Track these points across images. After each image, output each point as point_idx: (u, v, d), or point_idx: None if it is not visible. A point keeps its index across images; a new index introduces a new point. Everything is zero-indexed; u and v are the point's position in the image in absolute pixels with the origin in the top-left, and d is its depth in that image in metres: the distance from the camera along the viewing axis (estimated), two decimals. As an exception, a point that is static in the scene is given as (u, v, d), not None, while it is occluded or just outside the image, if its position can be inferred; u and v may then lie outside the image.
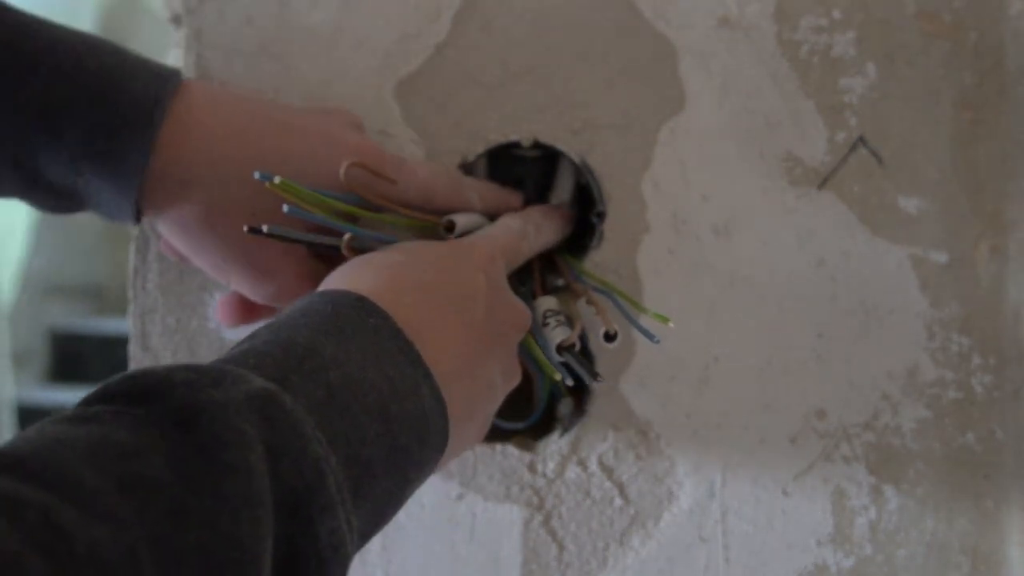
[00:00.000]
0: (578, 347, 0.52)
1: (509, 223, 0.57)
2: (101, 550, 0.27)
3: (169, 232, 0.53)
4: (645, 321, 0.55)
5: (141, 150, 0.50)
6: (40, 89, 0.49)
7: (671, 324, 0.53)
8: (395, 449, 0.40)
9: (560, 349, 0.51)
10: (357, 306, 0.43)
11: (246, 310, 0.58)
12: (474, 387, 0.47)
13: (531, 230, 0.57)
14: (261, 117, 0.53)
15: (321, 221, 0.49)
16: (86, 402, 0.34)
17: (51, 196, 0.51)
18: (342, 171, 0.51)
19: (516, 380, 0.52)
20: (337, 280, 0.47)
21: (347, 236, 0.50)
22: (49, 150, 0.49)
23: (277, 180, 0.47)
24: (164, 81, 0.51)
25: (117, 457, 0.30)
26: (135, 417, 0.32)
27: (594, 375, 0.50)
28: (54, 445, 0.30)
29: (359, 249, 0.50)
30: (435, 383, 0.43)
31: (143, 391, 0.33)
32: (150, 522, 0.29)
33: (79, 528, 0.27)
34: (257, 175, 0.48)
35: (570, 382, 0.51)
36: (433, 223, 0.55)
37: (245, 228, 0.47)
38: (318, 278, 0.49)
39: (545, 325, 0.53)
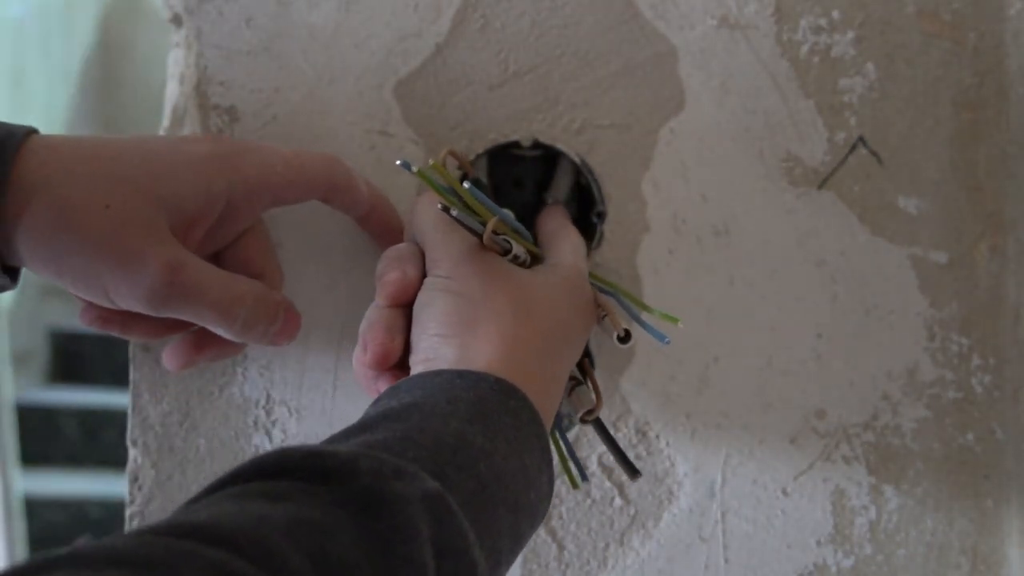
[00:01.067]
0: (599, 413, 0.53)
1: (574, 237, 0.58)
2: None
3: (28, 250, 0.48)
4: (651, 321, 0.54)
5: None
6: None
7: (680, 324, 0.53)
8: (517, 537, 0.42)
9: (584, 420, 0.52)
10: (497, 389, 0.44)
11: (194, 349, 0.56)
12: None
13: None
14: (113, 137, 0.52)
15: (458, 213, 0.49)
16: (266, 472, 0.36)
17: None
18: (441, 157, 0.52)
19: None
20: (459, 349, 0.47)
21: (493, 221, 0.49)
22: None
23: (415, 168, 0.48)
24: (18, 127, 0.49)
25: (314, 535, 0.33)
26: (323, 496, 0.34)
27: (633, 471, 0.52)
28: (259, 522, 0.32)
29: (499, 234, 0.50)
30: (552, 472, 0.46)
31: (328, 471, 0.35)
32: None
33: None
34: (399, 163, 0.48)
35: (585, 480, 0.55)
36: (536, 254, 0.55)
37: (439, 206, 0.47)
38: (187, 266, 0.49)
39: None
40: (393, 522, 0.34)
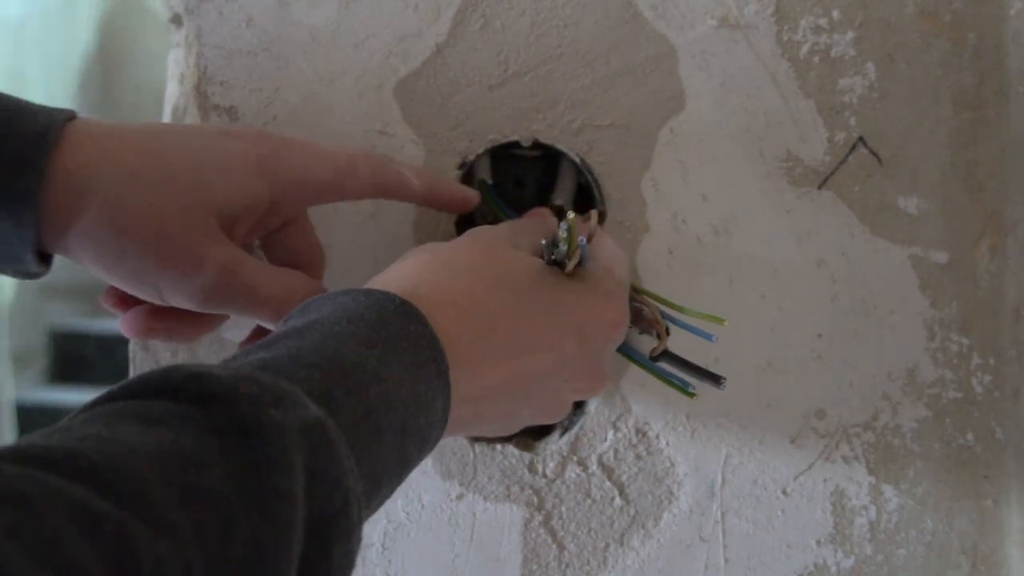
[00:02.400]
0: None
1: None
2: (163, 567, 0.29)
3: (81, 252, 0.49)
4: (691, 321, 0.55)
5: (34, 171, 0.47)
6: None
7: (726, 323, 0.54)
8: (403, 461, 0.42)
9: (654, 358, 0.52)
10: (400, 312, 0.44)
11: (154, 316, 0.55)
12: (484, 414, 0.49)
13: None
14: (152, 126, 0.52)
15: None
16: (148, 390, 0.35)
17: None
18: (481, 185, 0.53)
19: (595, 383, 0.53)
20: (388, 275, 0.48)
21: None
22: None
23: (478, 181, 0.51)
24: (57, 111, 0.49)
25: (182, 468, 0.32)
26: (199, 423, 0.34)
27: (717, 378, 0.52)
28: (128, 453, 0.31)
29: None
30: (448, 399, 0.44)
31: (208, 395, 0.35)
32: (204, 536, 0.31)
33: (146, 545, 0.29)
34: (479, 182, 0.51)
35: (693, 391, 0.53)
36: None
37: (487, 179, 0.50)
38: (244, 266, 0.50)
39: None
40: (267, 452, 0.34)
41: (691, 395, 0.54)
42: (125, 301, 0.54)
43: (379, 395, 0.40)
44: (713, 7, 0.61)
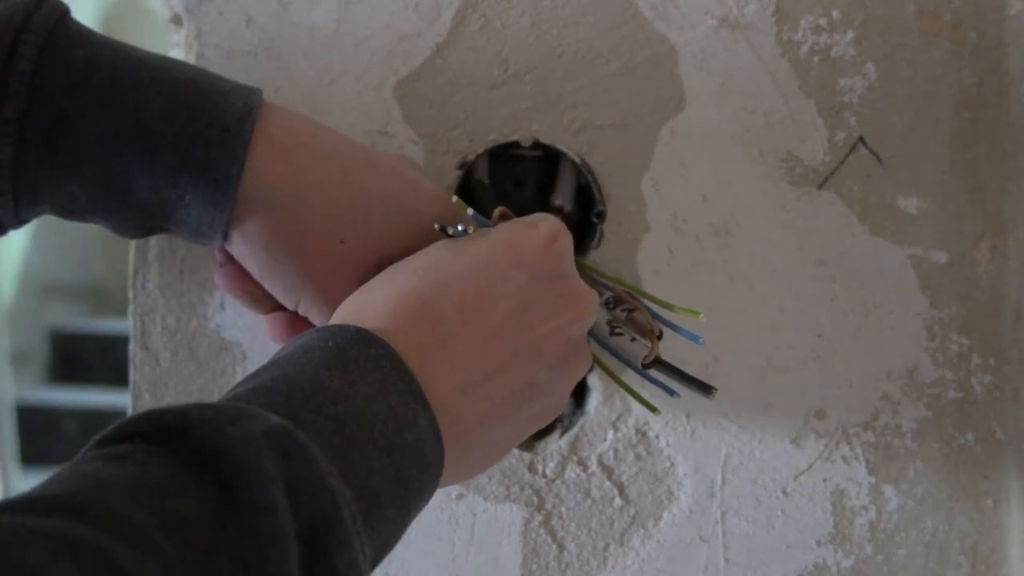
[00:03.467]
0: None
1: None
2: None
3: (248, 249, 0.51)
4: (676, 320, 0.55)
5: (236, 161, 0.48)
6: (134, 103, 0.47)
7: (701, 317, 0.53)
8: (399, 480, 0.41)
9: (646, 366, 0.52)
10: (357, 338, 0.43)
11: (295, 325, 0.56)
12: (485, 409, 0.46)
13: None
14: (343, 149, 0.52)
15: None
16: (105, 441, 0.34)
17: (137, 214, 0.49)
18: (495, 216, 0.51)
19: (579, 372, 0.51)
20: (345, 308, 0.47)
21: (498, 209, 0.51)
22: (143, 164, 0.47)
23: (454, 199, 0.50)
24: (250, 93, 0.50)
25: (155, 495, 0.31)
26: (162, 457, 0.33)
27: (708, 388, 0.51)
28: (97, 485, 0.31)
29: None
30: (431, 413, 0.43)
31: (163, 430, 0.34)
32: (191, 560, 0.30)
33: (136, 568, 0.28)
34: (453, 199, 0.49)
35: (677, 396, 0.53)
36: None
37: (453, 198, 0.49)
38: None
39: (617, 335, 0.53)
40: (234, 469, 0.33)
41: (655, 411, 0.54)
42: (245, 291, 0.55)
43: (348, 411, 0.39)
44: (713, 7, 0.61)
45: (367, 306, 0.46)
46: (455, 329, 0.46)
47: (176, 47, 0.63)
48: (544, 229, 0.49)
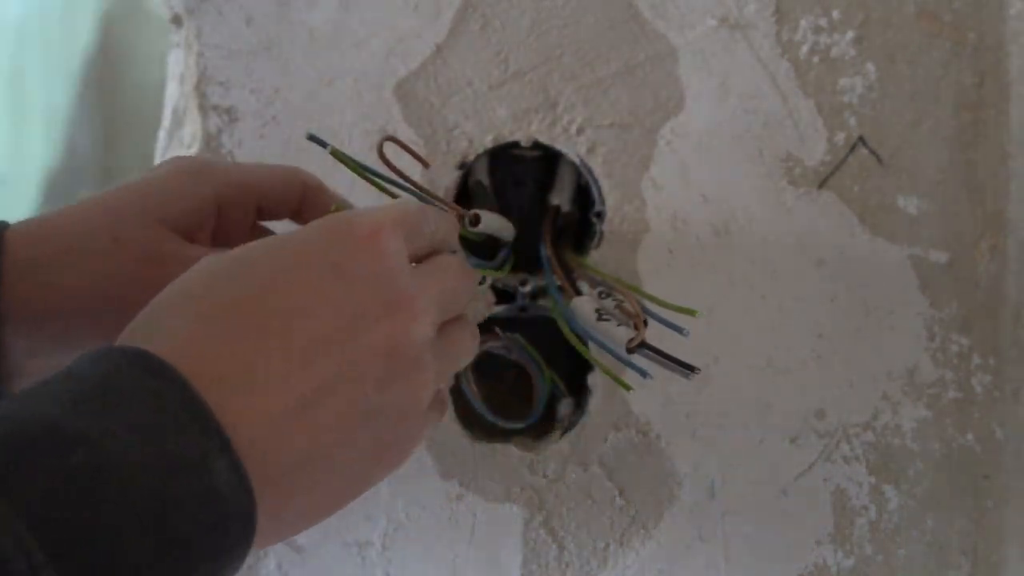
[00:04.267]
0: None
1: (405, 200, 0.47)
2: None
3: (46, 339, 0.46)
4: (664, 313, 0.54)
5: None
6: None
7: (699, 315, 0.52)
8: (172, 543, 0.32)
9: (630, 350, 0.51)
10: (135, 363, 0.34)
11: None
12: (304, 444, 0.37)
13: (432, 214, 0.45)
14: (85, 205, 0.49)
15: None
16: None
17: None
18: (378, 145, 0.46)
19: (423, 390, 0.41)
20: (132, 327, 0.38)
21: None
22: None
23: (330, 148, 0.44)
24: None
25: None
26: None
27: (690, 368, 0.50)
28: None
29: None
30: (234, 454, 0.34)
31: None
32: None
33: None
34: (309, 135, 0.44)
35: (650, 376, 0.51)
36: (458, 215, 0.51)
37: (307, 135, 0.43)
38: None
39: (604, 320, 0.53)
40: None
41: (627, 387, 0.53)
42: None
43: (88, 460, 0.31)
44: (713, 7, 0.61)
45: (160, 322, 0.38)
46: (260, 346, 0.37)
47: (176, 47, 0.63)
48: (365, 223, 0.41)
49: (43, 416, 0.32)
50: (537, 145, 0.62)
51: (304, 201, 0.53)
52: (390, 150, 0.48)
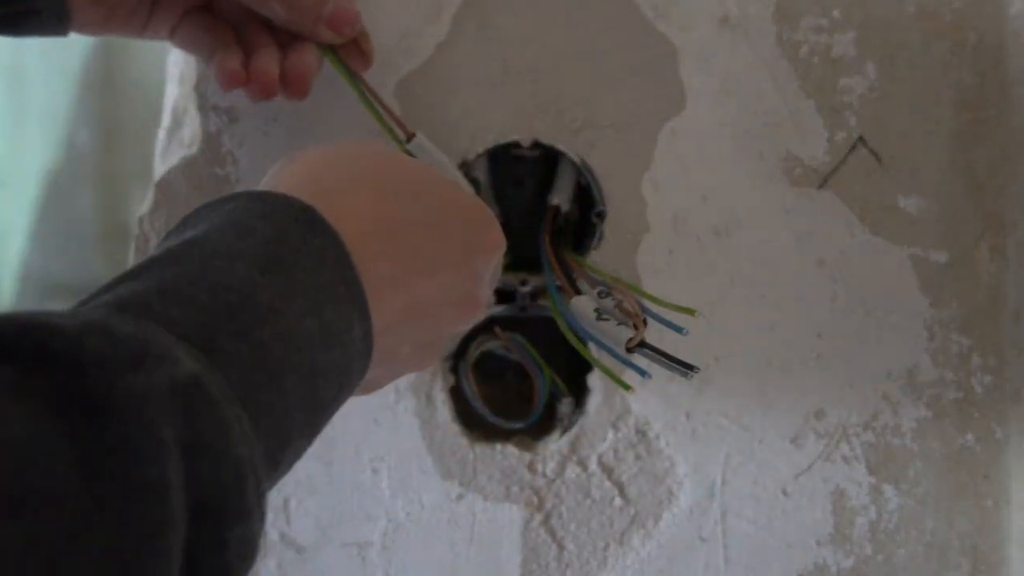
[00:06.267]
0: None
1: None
2: None
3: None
4: (664, 313, 0.55)
5: None
6: None
7: (698, 315, 0.53)
8: (315, 407, 0.36)
9: (630, 349, 0.52)
10: (302, 220, 0.37)
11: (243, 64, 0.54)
12: (413, 305, 0.42)
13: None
14: None
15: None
16: None
17: None
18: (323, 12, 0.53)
19: (474, 311, 0.47)
20: (279, 177, 0.41)
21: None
22: None
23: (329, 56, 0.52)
24: None
25: (13, 466, 0.25)
26: (37, 399, 0.26)
27: (689, 367, 0.50)
28: None
29: None
30: (368, 323, 0.38)
31: (48, 355, 0.27)
32: (39, 556, 0.24)
33: None
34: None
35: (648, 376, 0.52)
36: (397, 123, 0.57)
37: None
38: None
39: (604, 320, 0.53)
40: (124, 433, 0.27)
41: (627, 387, 0.53)
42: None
43: (276, 334, 0.34)
44: (713, 7, 0.61)
45: (310, 175, 0.41)
46: (397, 275, 0.41)
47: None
48: (496, 234, 0.48)
49: (239, 285, 0.34)
50: (537, 145, 0.62)
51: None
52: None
